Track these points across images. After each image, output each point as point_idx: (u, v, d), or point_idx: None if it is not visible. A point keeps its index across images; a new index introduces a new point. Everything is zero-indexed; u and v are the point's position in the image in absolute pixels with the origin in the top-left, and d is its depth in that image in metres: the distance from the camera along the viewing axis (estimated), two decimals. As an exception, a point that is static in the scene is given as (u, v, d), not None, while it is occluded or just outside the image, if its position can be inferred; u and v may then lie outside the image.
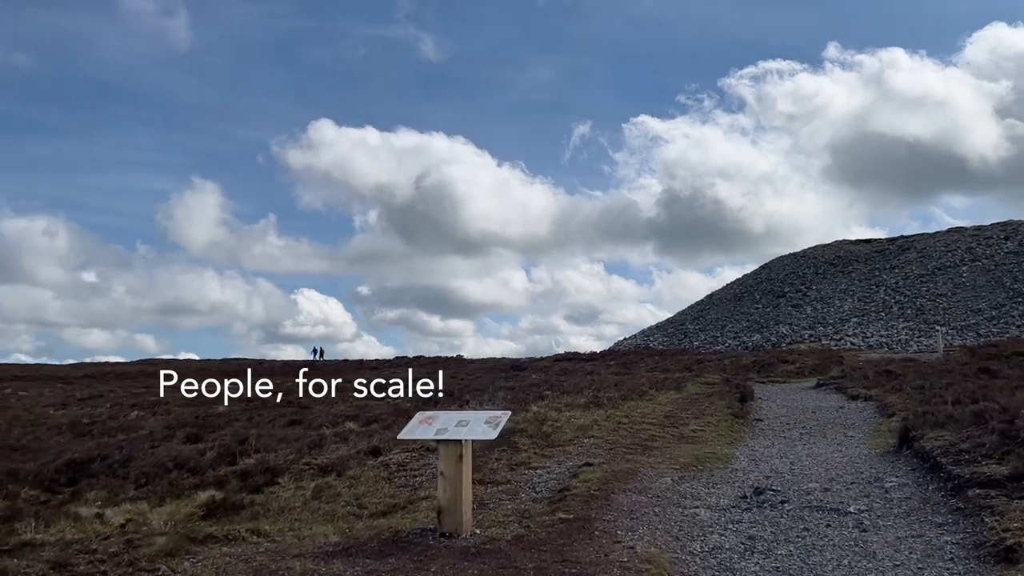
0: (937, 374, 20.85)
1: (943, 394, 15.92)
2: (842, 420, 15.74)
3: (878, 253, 74.89)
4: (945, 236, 74.19)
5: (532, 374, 31.70)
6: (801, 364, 36.30)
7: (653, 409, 16.27)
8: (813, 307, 67.46)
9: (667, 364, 39.75)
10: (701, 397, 18.70)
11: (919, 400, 15.91)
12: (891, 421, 14.61)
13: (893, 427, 14.04)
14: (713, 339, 67.02)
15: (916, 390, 17.12)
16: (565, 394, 18.49)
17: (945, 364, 30.14)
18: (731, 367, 36.42)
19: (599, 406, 16.14)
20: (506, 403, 16.70)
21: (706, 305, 77.63)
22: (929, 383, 18.43)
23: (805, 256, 79.18)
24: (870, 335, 60.25)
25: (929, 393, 16.52)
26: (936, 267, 68.62)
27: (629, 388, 20.49)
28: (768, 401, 20.53)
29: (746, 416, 16.05)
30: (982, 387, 16.74)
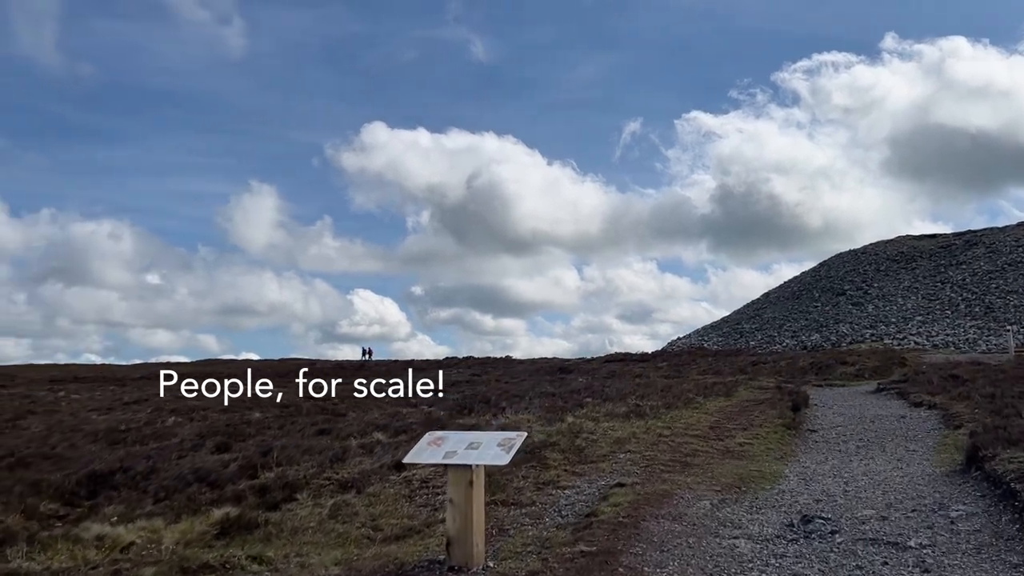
0: (1009, 380, 19.42)
1: (1016, 404, 14.67)
2: (903, 431, 14.59)
3: (943, 249, 71.98)
4: (1015, 230, 70.94)
5: (579, 377, 30.86)
6: (861, 366, 34.74)
7: (698, 419, 15.34)
8: (875, 305, 65.15)
9: (720, 366, 38.51)
10: (751, 405, 17.67)
11: (989, 410, 14.68)
12: (957, 434, 13.44)
13: (960, 442, 12.91)
14: (770, 339, 65.21)
15: (986, 398, 15.85)
16: (607, 401, 17.65)
17: (1017, 367, 28.41)
18: (787, 369, 35.07)
19: (640, 416, 15.28)
20: (543, 412, 15.96)
21: (763, 304, 75.64)
22: (1000, 390, 17.10)
23: (866, 253, 76.57)
24: (935, 334, 57.88)
25: (1000, 403, 15.26)
26: (1006, 263, 65.65)
27: (675, 394, 19.55)
28: (823, 408, 19.38)
29: (798, 427, 15.01)
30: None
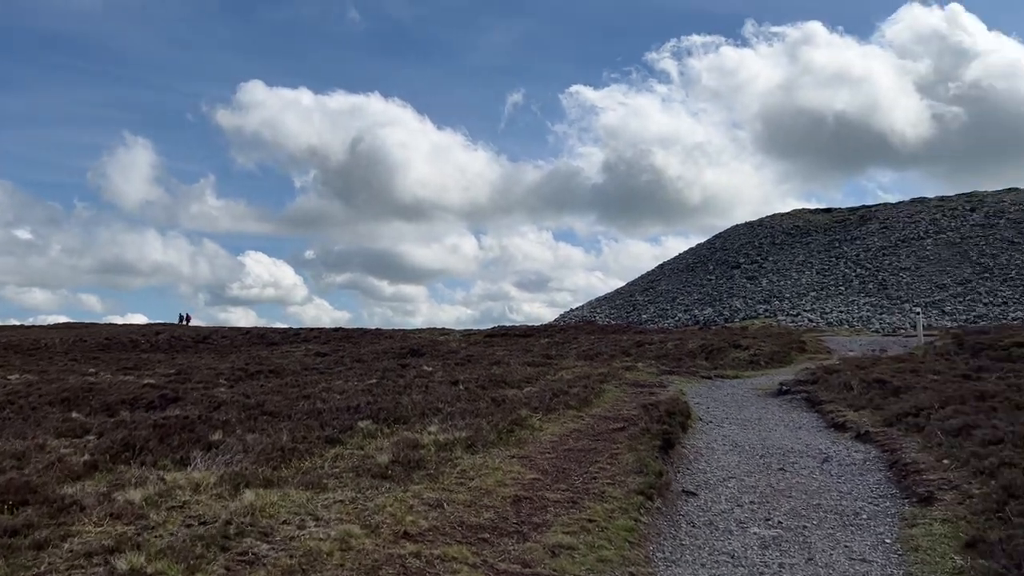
0: (949, 383, 13.71)
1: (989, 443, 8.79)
2: (835, 504, 8.45)
3: (838, 223, 68.24)
4: (908, 207, 67.66)
5: (426, 364, 24.22)
6: (756, 350, 29.18)
7: (510, 472, 8.90)
8: (769, 279, 60.74)
9: (602, 346, 32.51)
10: (605, 433, 11.35)
11: (962, 459, 8.73)
12: (931, 521, 7.38)
13: (938, 540, 6.87)
14: (663, 312, 60.13)
15: (951, 436, 9.92)
16: (380, 427, 11.03)
17: (933, 358, 23.20)
18: (674, 353, 29.25)
19: (414, 469, 8.72)
20: (254, 459, 9.17)
21: (657, 275, 70.60)
22: (952, 409, 11.27)
23: (762, 225, 72.31)
24: (829, 311, 53.74)
25: (969, 441, 9.35)
26: (899, 239, 62.16)
27: (510, 408, 13.09)
28: (710, 429, 13.29)
29: (666, 490, 8.72)
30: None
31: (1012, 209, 61.73)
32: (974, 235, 59.42)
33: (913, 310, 44.53)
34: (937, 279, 55.10)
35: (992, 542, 6.16)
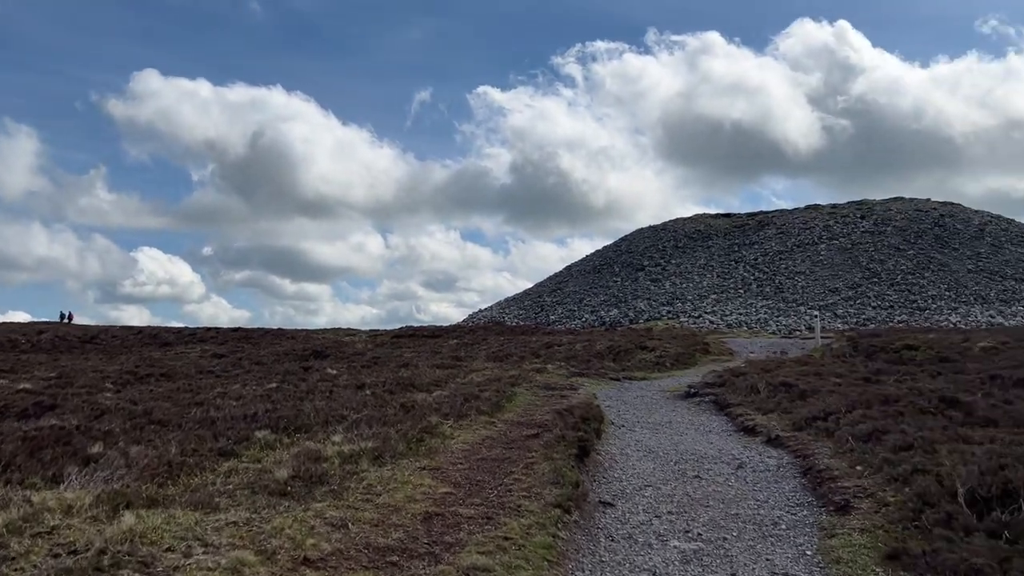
0: (853, 387, 13.97)
1: (900, 449, 8.85)
2: (753, 514, 8.28)
3: (737, 228, 70.30)
4: (803, 213, 70.35)
5: (330, 367, 23.32)
6: (662, 352, 29.53)
7: (419, 487, 8.36)
8: (672, 282, 61.96)
9: (511, 348, 32.24)
10: (520, 440, 10.95)
11: (875, 465, 8.74)
12: (849, 531, 7.26)
13: (858, 551, 6.75)
14: (571, 313, 60.51)
15: (861, 441, 9.96)
16: (279, 437, 10.30)
17: (831, 360, 23.92)
18: (583, 354, 29.27)
19: (316, 485, 8.08)
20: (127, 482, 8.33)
21: (565, 277, 71.08)
22: (861, 414, 11.40)
23: (666, 229, 73.80)
24: (729, 313, 55.19)
25: (880, 446, 9.40)
26: (795, 244, 64.50)
27: (418, 415, 12.53)
28: (623, 434, 13.08)
29: (583, 501, 8.37)
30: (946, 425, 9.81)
31: (898, 217, 65.00)
32: (864, 241, 62.24)
33: (811, 313, 46.21)
34: (830, 283, 57.40)
35: (916, 555, 6.04)
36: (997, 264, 56.82)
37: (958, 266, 56.96)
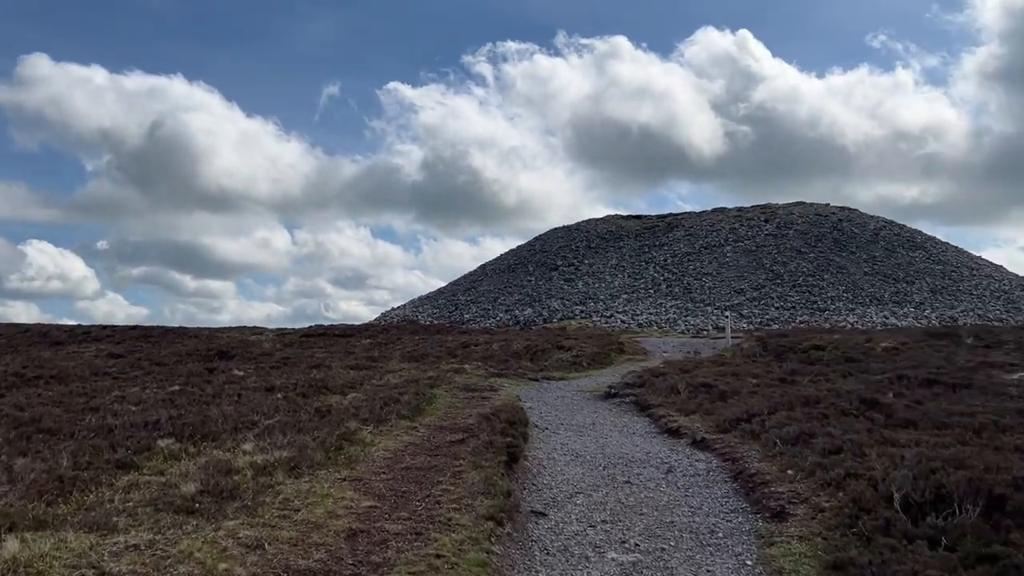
0: (777, 390, 14.09)
1: (830, 453, 8.84)
2: (688, 521, 8.06)
3: (648, 230, 71.52)
4: (711, 216, 72.13)
5: (236, 368, 22.21)
6: (579, 351, 29.51)
7: (342, 500, 7.79)
8: (585, 282, 62.48)
9: (427, 347, 31.62)
10: (444, 446, 10.46)
11: (807, 469, 8.68)
12: (788, 539, 7.12)
13: (799, 561, 6.60)
14: (485, 312, 60.22)
15: (790, 444, 9.93)
16: (184, 446, 9.51)
17: (742, 359, 24.35)
18: (500, 354, 28.95)
19: (227, 500, 7.41)
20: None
21: (479, 276, 70.76)
22: (785, 415, 11.43)
23: (579, 229, 74.43)
24: (639, 313, 55.99)
25: (809, 449, 9.38)
26: (702, 246, 66.03)
27: (335, 420, 11.88)
28: (548, 437, 12.77)
29: (515, 512, 7.98)
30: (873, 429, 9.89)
31: (799, 221, 67.40)
32: (768, 244, 64.23)
33: (718, 313, 47.29)
34: (736, 284, 58.97)
35: (861, 565, 5.89)
36: (890, 267, 59.59)
37: (855, 269, 59.45)
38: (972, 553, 5.95)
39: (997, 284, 58.31)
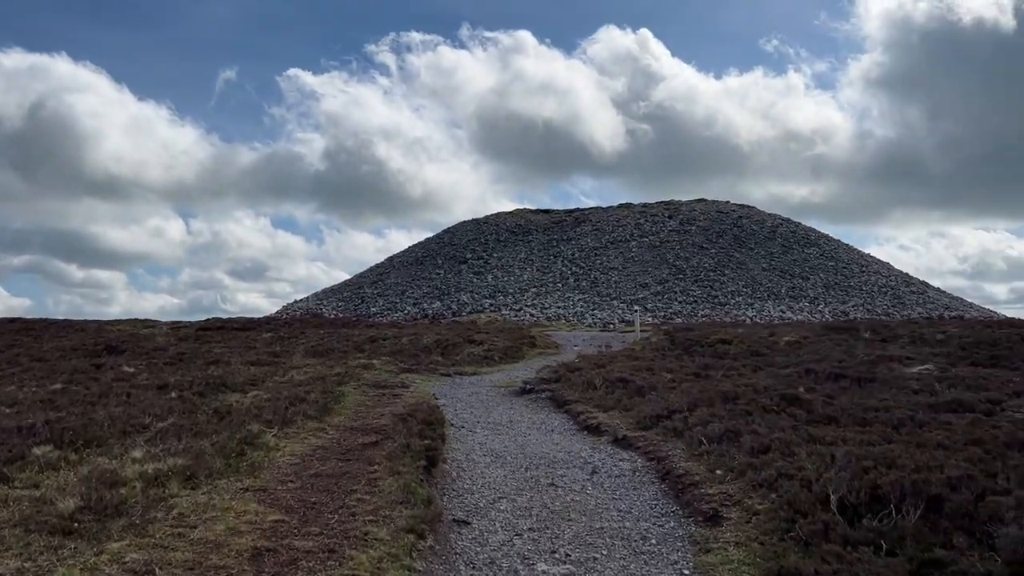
0: (695, 386, 13.99)
1: (759, 452, 8.65)
2: (618, 525, 7.67)
3: (556, 224, 71.80)
4: (617, 211, 73.00)
5: (126, 364, 20.70)
6: (490, 346, 29.06)
7: (242, 516, 7.03)
8: (494, 275, 62.16)
9: (333, 342, 30.51)
10: (357, 449, 9.76)
11: (736, 469, 8.45)
12: (724, 545, 6.81)
13: (738, 569, 6.30)
14: (392, 305, 59.11)
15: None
16: (64, 454, 8.47)
17: (652, 353, 24.45)
18: (410, 348, 28.19)
19: (112, 517, 6.53)
20: None
21: (386, 268, 69.43)
22: (708, 412, 11.26)
23: (488, 222, 74.05)
24: (548, 306, 56.08)
25: (737, 448, 9.17)
26: (609, 241, 66.72)
27: (236, 422, 10.98)
28: (465, 436, 12.21)
29: (437, 522, 7.41)
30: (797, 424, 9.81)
31: (701, 218, 68.99)
32: (671, 239, 65.46)
33: (624, 307, 47.79)
34: (640, 278, 59.82)
35: (807, 574, 5.60)
36: (787, 263, 61.69)
37: (754, 264, 61.25)
38: (915, 558, 5.75)
39: (884, 280, 61.23)
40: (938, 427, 9.66)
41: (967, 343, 23.16)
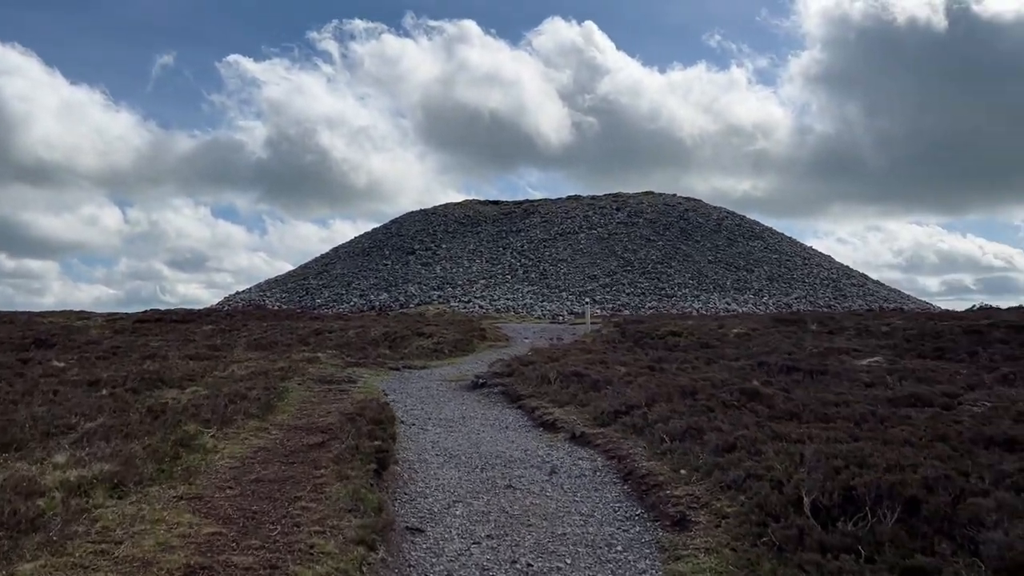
0: (652, 380, 13.70)
1: (724, 451, 8.36)
2: (581, 531, 7.25)
3: (505, 215, 71.39)
4: (566, 203, 72.92)
5: (56, 359, 19.58)
6: (440, 338, 28.50)
7: (174, 528, 6.41)
8: (443, 266, 61.48)
9: (276, 335, 29.60)
10: (300, 457, 9.16)
11: (701, 469, 8.13)
12: (694, 551, 6.46)
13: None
14: (338, 297, 58.03)
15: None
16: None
17: (603, 345, 24.21)
18: (357, 342, 27.47)
19: (26, 533, 5.87)
20: None
21: (332, 259, 68.13)
22: (668, 408, 10.96)
23: (436, 213, 73.25)
24: (497, 298, 55.70)
25: (700, 446, 8.87)
26: (557, 232, 66.61)
27: (171, 421, 10.26)
28: (416, 434, 11.70)
29: (389, 531, 6.89)
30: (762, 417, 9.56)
31: (649, 210, 69.35)
32: (619, 232, 65.64)
33: (572, 299, 47.65)
34: (589, 270, 59.83)
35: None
36: (732, 256, 62.38)
37: (700, 257, 61.79)
38: (896, 566, 5.46)
39: (826, 273, 62.37)
40: (900, 422, 9.49)
41: (911, 335, 23.45)
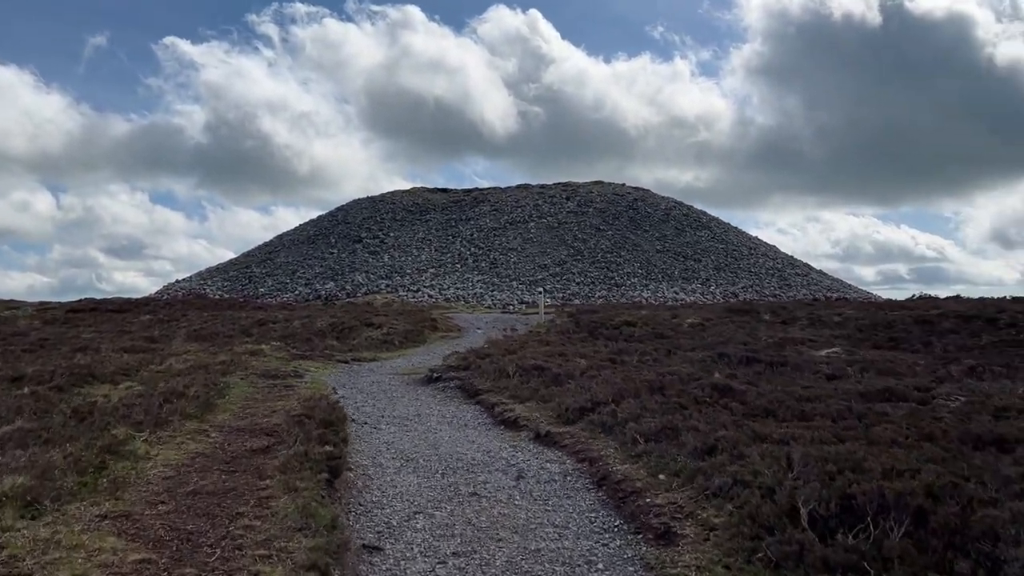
0: (617, 374, 13.14)
1: (704, 453, 7.82)
2: (556, 545, 6.59)
3: (454, 204, 70.40)
4: (515, 192, 72.26)
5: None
6: (390, 329, 27.60)
7: (96, 556, 5.55)
8: (391, 255, 60.32)
9: (217, 325, 28.28)
10: (242, 463, 8.31)
11: (682, 473, 7.56)
12: (683, 570, 5.85)
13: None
14: (282, 285, 56.45)
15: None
16: None
17: (560, 337, 23.66)
18: (303, 332, 26.36)
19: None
20: None
21: (276, 247, 66.30)
22: (638, 405, 10.40)
23: (384, 201, 71.87)
24: (447, 287, 54.83)
25: (678, 448, 8.31)
26: (508, 221, 65.94)
27: (99, 424, 9.29)
28: (368, 434, 10.91)
29: (343, 550, 6.14)
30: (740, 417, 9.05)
31: (599, 200, 69.13)
32: (569, 221, 65.26)
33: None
34: (539, 260, 59.33)
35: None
36: (680, 245, 62.56)
37: (648, 246, 61.80)
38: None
39: (771, 263, 63.02)
40: (879, 419, 9.08)
41: (864, 325, 23.46)
